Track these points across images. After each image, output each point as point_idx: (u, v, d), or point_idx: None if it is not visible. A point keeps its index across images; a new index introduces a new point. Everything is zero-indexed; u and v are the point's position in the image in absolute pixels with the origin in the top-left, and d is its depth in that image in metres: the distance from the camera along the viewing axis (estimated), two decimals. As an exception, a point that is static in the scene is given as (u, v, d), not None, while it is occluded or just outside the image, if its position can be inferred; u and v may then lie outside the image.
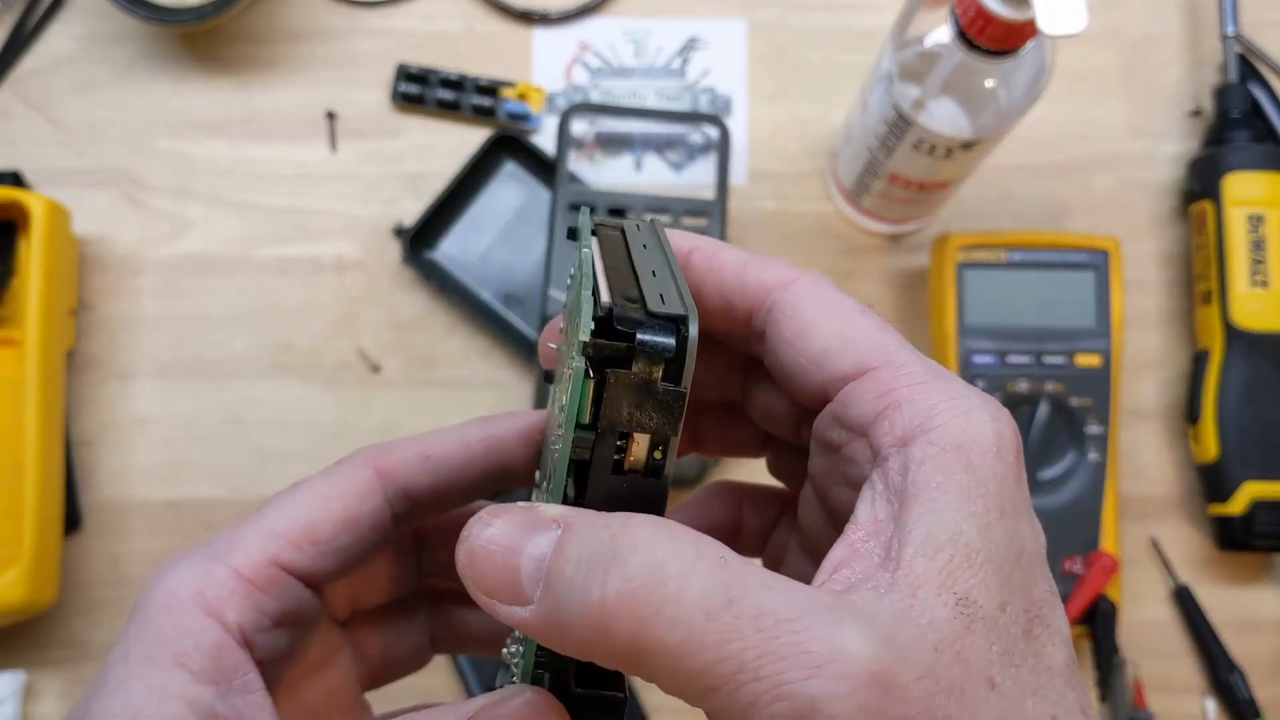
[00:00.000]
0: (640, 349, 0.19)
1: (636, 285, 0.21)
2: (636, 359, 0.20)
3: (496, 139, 0.60)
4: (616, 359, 0.20)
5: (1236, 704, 0.56)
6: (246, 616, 0.25)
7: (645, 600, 0.18)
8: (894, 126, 0.49)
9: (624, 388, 0.20)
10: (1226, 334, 0.56)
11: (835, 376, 0.23)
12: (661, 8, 0.63)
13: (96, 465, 0.58)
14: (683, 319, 0.20)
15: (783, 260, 0.25)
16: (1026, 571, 0.20)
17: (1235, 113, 0.59)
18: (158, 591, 0.25)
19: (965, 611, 0.19)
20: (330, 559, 0.26)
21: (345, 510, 0.26)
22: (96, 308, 0.59)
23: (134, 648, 0.24)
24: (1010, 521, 0.20)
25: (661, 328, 0.20)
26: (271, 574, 0.25)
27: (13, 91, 0.61)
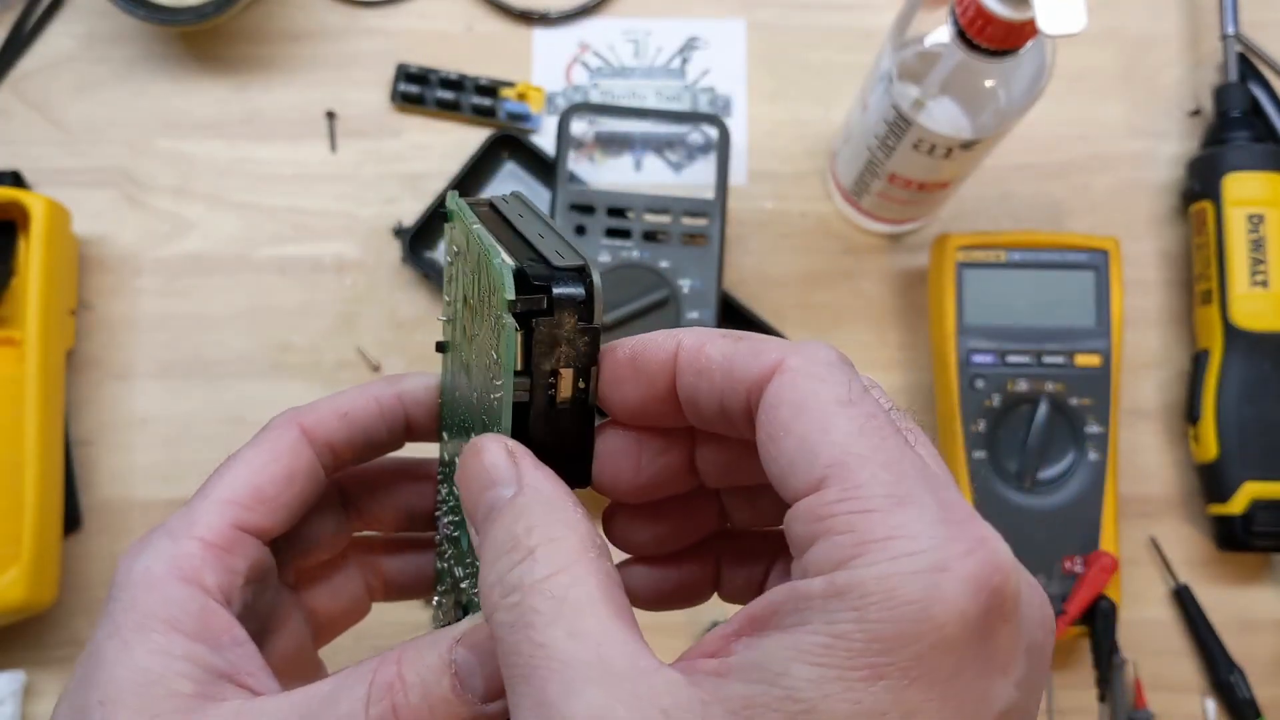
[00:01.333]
0: (558, 300, 0.23)
1: (531, 248, 0.24)
2: (556, 308, 0.23)
3: (496, 139, 0.60)
4: (538, 311, 0.23)
5: (1236, 704, 0.56)
6: (222, 578, 0.27)
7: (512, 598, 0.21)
8: (894, 126, 0.49)
9: (549, 334, 0.23)
10: (1226, 334, 0.56)
11: (793, 490, 0.21)
12: (661, 8, 0.63)
13: (96, 465, 0.58)
14: (583, 267, 0.23)
15: (775, 339, 0.23)
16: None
17: (1235, 112, 0.59)
18: (135, 572, 0.27)
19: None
20: (280, 513, 0.29)
21: (283, 468, 0.29)
22: (96, 308, 0.59)
23: (124, 622, 0.27)
24: (885, 690, 0.18)
25: (569, 279, 0.23)
26: (233, 536, 0.28)
27: (12, 91, 0.61)
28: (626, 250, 0.56)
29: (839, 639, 0.18)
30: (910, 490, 0.20)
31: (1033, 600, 0.20)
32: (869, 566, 0.19)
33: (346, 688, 0.24)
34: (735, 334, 0.24)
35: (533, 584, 0.21)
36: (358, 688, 0.24)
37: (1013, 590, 0.19)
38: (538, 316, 0.23)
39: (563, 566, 0.21)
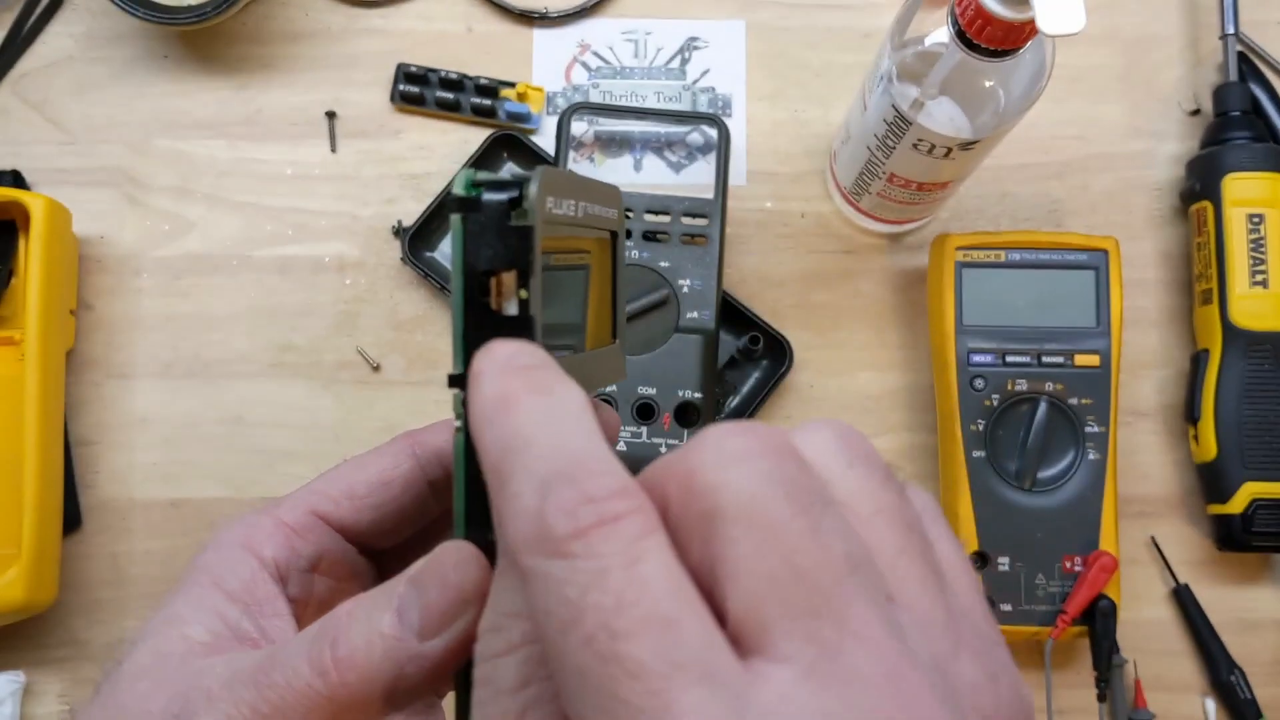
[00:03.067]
0: (488, 200, 0.23)
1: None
2: (484, 204, 0.23)
3: (496, 139, 0.60)
4: (470, 206, 0.23)
5: (1236, 704, 0.56)
6: (280, 554, 0.28)
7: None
8: (893, 126, 0.49)
9: (478, 228, 0.23)
10: (1226, 334, 0.56)
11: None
12: (661, 8, 0.63)
13: (96, 465, 0.58)
14: (527, 179, 0.23)
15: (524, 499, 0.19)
16: None
17: (1235, 112, 0.59)
18: (214, 537, 0.28)
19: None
20: (367, 513, 0.29)
21: (379, 471, 0.29)
22: (96, 308, 0.59)
23: (183, 578, 0.28)
24: None
25: (509, 185, 0.23)
26: (308, 522, 0.28)
27: (12, 91, 0.61)
28: (626, 250, 0.56)
29: None
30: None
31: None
32: None
33: (305, 633, 0.24)
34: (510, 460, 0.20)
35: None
36: (312, 627, 0.24)
37: None
38: (468, 213, 0.23)
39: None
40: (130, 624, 0.57)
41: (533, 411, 0.20)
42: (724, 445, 0.19)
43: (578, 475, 0.18)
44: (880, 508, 0.20)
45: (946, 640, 0.19)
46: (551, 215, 0.24)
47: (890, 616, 0.18)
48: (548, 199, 0.24)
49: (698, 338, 0.55)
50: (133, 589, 0.57)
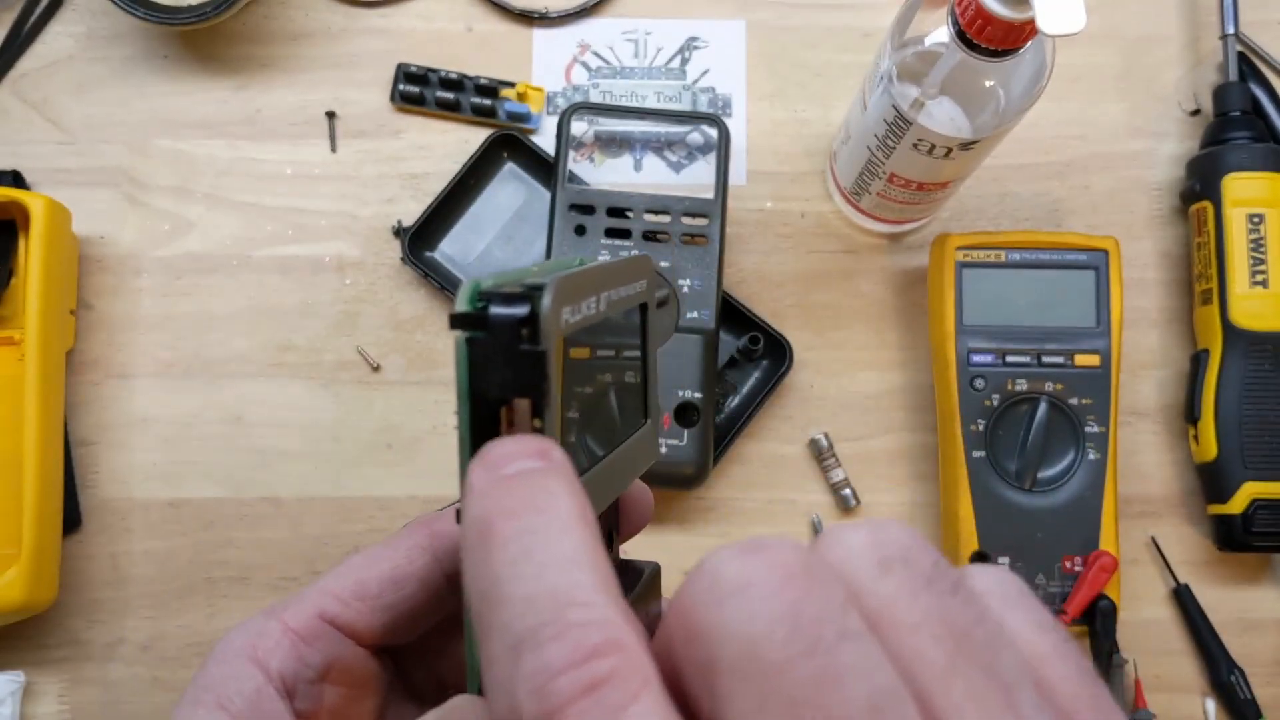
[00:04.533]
0: (494, 318, 0.21)
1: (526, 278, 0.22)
2: (491, 326, 0.21)
3: (496, 139, 0.60)
4: (475, 324, 0.21)
5: (1236, 704, 0.56)
6: (288, 666, 0.26)
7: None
8: (893, 126, 0.49)
9: (485, 352, 0.21)
10: (1226, 334, 0.56)
11: None
12: (661, 8, 0.63)
13: (96, 465, 0.58)
14: (541, 287, 0.21)
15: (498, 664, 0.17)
16: None
17: (1235, 112, 0.59)
18: (218, 645, 0.27)
19: None
20: (380, 615, 0.27)
21: (393, 568, 0.27)
22: (96, 308, 0.59)
23: (187, 694, 0.26)
24: None
25: (516, 299, 0.21)
26: (317, 627, 0.26)
27: (12, 91, 0.61)
28: (626, 250, 0.56)
29: None
30: None
31: None
32: None
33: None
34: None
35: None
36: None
37: None
38: (472, 334, 0.21)
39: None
40: (130, 624, 0.57)
41: (510, 544, 0.17)
42: (720, 575, 0.16)
43: (553, 632, 0.16)
44: (923, 618, 0.16)
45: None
46: (569, 326, 0.22)
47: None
48: (563, 310, 0.21)
49: (698, 337, 0.55)
50: (132, 589, 0.57)
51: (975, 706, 0.16)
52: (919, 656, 0.16)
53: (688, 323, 0.55)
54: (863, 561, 0.17)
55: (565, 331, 0.21)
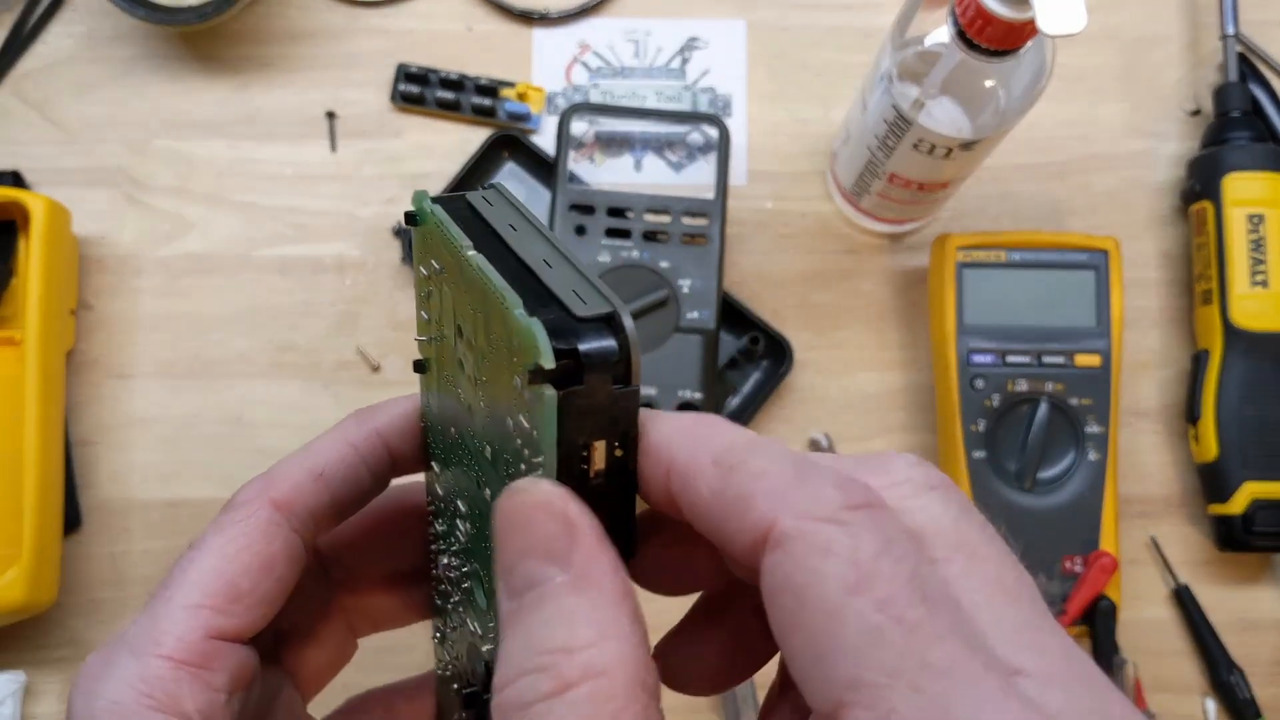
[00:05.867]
0: (588, 361, 0.19)
1: (540, 284, 0.21)
2: (587, 373, 0.19)
3: (496, 139, 0.60)
4: (570, 377, 0.19)
5: (1236, 704, 0.56)
6: (202, 700, 0.23)
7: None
8: (893, 126, 0.49)
9: (580, 404, 0.19)
10: (1226, 334, 0.56)
11: (812, 703, 0.18)
12: (661, 8, 0.63)
13: (96, 465, 0.58)
14: (613, 314, 0.19)
15: (775, 470, 0.19)
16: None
17: (1235, 112, 0.59)
18: (97, 707, 0.23)
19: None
20: (259, 608, 0.25)
21: (258, 556, 0.25)
22: (96, 308, 0.59)
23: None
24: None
25: (597, 331, 0.19)
26: (209, 648, 0.24)
27: (12, 91, 0.61)
28: (626, 250, 0.56)
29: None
30: (951, 708, 0.16)
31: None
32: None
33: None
34: (730, 454, 0.19)
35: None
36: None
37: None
38: (569, 386, 0.19)
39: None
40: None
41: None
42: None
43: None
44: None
45: None
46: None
47: None
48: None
49: (698, 338, 0.55)
50: (132, 589, 0.57)
51: (947, 665, 0.17)
52: (925, 597, 0.18)
53: (688, 323, 0.55)
54: (873, 532, 0.18)
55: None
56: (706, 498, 0.19)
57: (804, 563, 0.17)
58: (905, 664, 0.16)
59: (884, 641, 0.16)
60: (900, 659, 0.16)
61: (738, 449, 0.19)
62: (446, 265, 0.23)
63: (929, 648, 0.16)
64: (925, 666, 0.16)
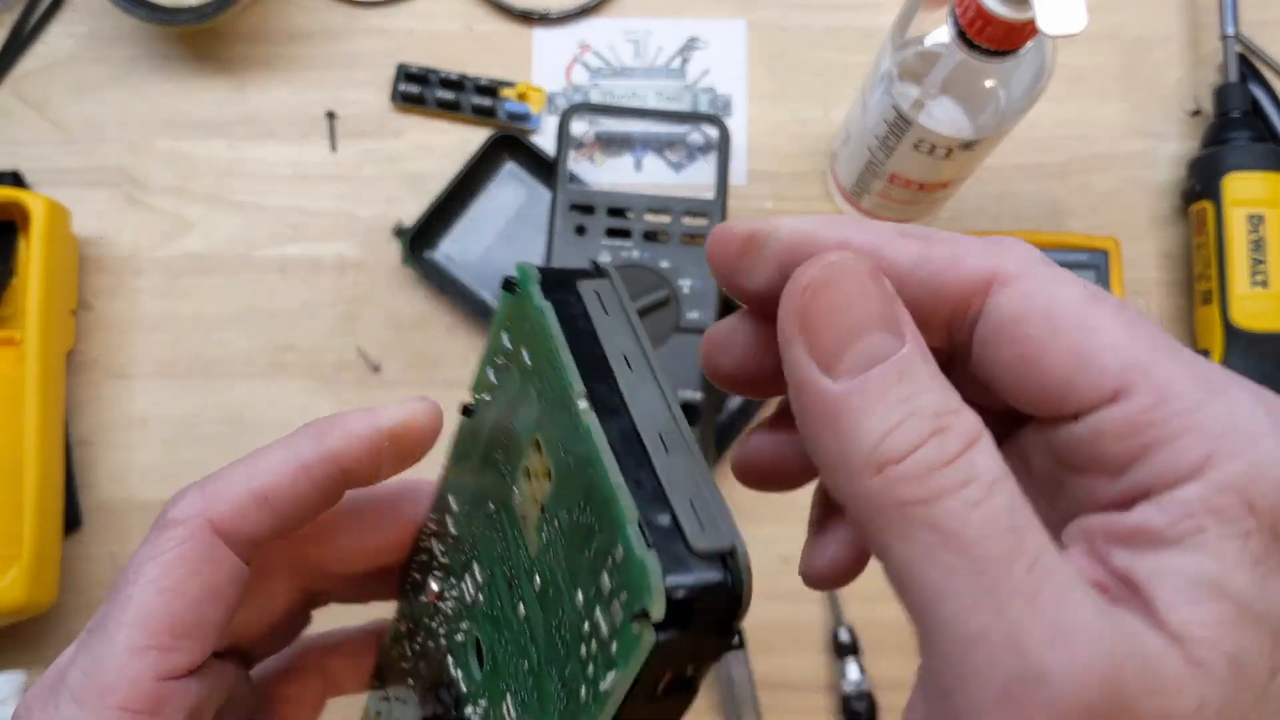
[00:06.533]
0: (698, 615, 0.17)
1: (652, 473, 0.19)
2: (695, 621, 0.17)
3: (496, 139, 0.60)
4: (676, 625, 0.17)
5: (1236, 704, 0.56)
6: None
7: (936, 480, 0.17)
8: (894, 126, 0.49)
9: (678, 649, 0.18)
10: (1226, 334, 0.56)
11: (1078, 405, 0.18)
12: (661, 8, 0.63)
13: (96, 465, 0.58)
14: (731, 551, 0.18)
15: (967, 239, 0.20)
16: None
17: (1235, 113, 0.59)
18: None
19: (1236, 675, 0.16)
20: (204, 639, 0.24)
21: (200, 587, 0.24)
22: (96, 308, 0.59)
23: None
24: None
25: (712, 568, 0.18)
26: (160, 691, 0.23)
27: (13, 91, 0.61)
28: (626, 250, 0.56)
29: (1247, 537, 0.17)
30: (1209, 380, 0.18)
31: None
32: (1232, 460, 0.17)
33: None
34: (911, 230, 0.20)
35: (969, 480, 0.17)
36: None
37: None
38: (670, 628, 0.17)
39: (989, 469, 0.17)
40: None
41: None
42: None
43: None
44: None
45: None
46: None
47: None
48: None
49: (698, 338, 0.55)
50: (133, 589, 0.57)
51: (1186, 352, 0.19)
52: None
53: (688, 323, 0.55)
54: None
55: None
56: (906, 265, 0.20)
57: (1043, 289, 0.19)
58: (1160, 351, 0.18)
59: (1138, 330, 0.18)
60: (1156, 347, 0.18)
61: (909, 227, 0.20)
62: (541, 370, 0.21)
63: (1170, 342, 0.19)
64: (1175, 353, 0.18)
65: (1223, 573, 0.17)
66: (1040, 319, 0.19)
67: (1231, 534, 0.17)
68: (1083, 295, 0.19)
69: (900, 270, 0.20)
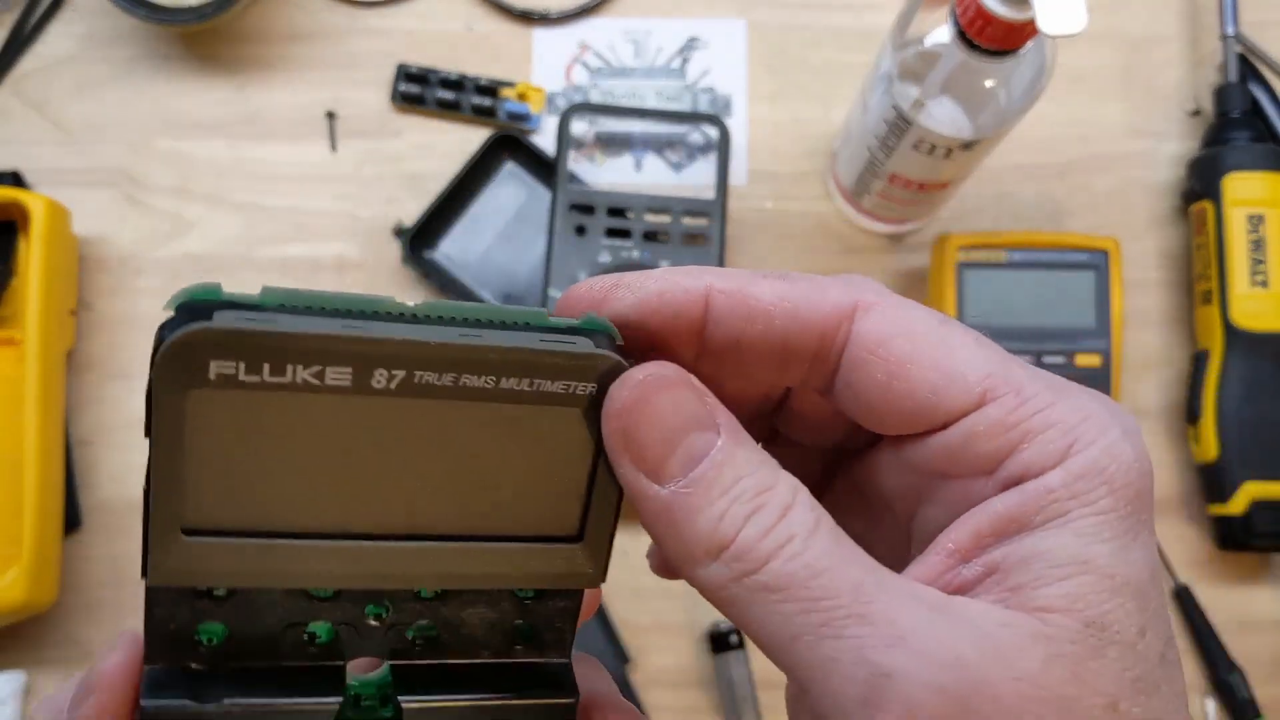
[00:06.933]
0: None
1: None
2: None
3: (496, 139, 0.60)
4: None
5: (1236, 704, 0.56)
6: None
7: (761, 549, 0.19)
8: (894, 127, 0.49)
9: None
10: (1226, 334, 0.56)
11: (947, 413, 0.21)
12: (661, 8, 0.63)
13: (96, 465, 0.58)
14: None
15: (826, 280, 0.22)
16: (1161, 593, 0.20)
17: (1235, 113, 0.59)
18: None
19: (1096, 635, 0.18)
20: None
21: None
22: (96, 308, 0.59)
23: None
24: (1145, 540, 0.20)
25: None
26: None
27: (13, 91, 0.61)
28: (626, 250, 0.56)
29: (1105, 514, 0.19)
30: (1054, 383, 0.21)
31: None
32: (1089, 448, 0.19)
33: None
34: (771, 273, 0.22)
35: (787, 539, 0.19)
36: None
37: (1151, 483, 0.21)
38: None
39: (806, 520, 0.19)
40: (130, 624, 0.57)
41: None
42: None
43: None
44: None
45: None
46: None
47: None
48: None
49: (698, 338, 0.55)
50: (132, 589, 0.57)
51: (1025, 361, 0.22)
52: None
53: (688, 323, 0.55)
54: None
55: None
56: (771, 299, 0.21)
57: (903, 313, 0.21)
58: (1009, 361, 0.21)
59: (988, 345, 0.21)
60: (1003, 353, 0.21)
61: (768, 270, 0.22)
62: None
63: (1009, 354, 0.21)
64: (1019, 361, 0.21)
65: (1085, 548, 0.19)
66: (904, 339, 0.21)
67: (1092, 513, 0.19)
68: (936, 318, 0.21)
69: (766, 307, 0.21)
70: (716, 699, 0.55)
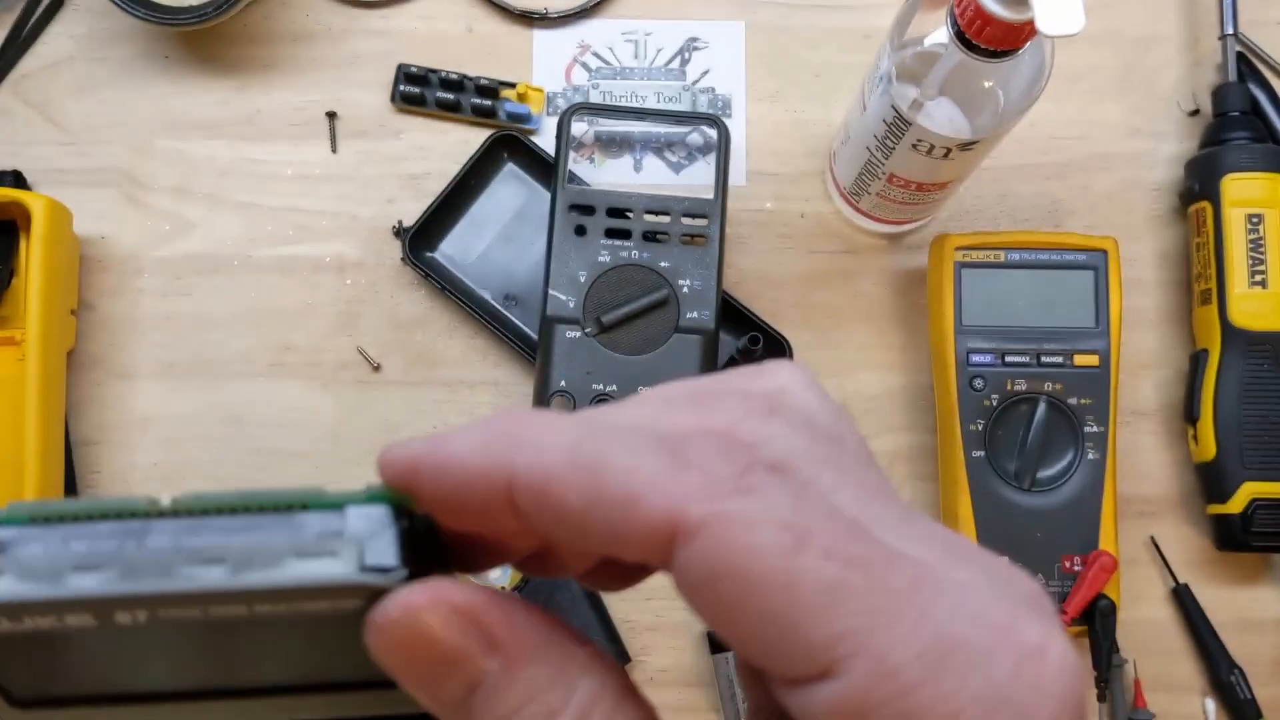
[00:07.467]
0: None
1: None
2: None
3: (496, 139, 0.60)
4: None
5: (1236, 704, 0.56)
6: None
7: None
8: (892, 127, 0.49)
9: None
10: (1225, 333, 0.56)
11: (791, 674, 0.17)
12: (661, 8, 0.63)
13: (97, 465, 0.58)
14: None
15: (648, 455, 0.17)
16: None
17: (1234, 112, 0.59)
18: None
19: None
20: None
21: None
22: (97, 308, 0.59)
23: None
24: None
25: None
26: None
27: (13, 91, 0.61)
28: (626, 250, 0.56)
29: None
30: (938, 638, 0.16)
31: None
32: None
33: None
34: (582, 458, 0.17)
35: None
36: None
37: (1082, 695, 0.17)
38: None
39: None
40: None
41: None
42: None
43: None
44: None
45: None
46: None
47: None
48: None
49: (698, 338, 0.55)
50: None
51: (909, 571, 0.17)
52: (849, 515, 0.18)
53: (688, 323, 0.55)
54: (784, 488, 0.18)
55: None
56: (579, 507, 0.17)
57: (734, 544, 0.16)
58: (876, 600, 0.16)
59: (848, 588, 0.16)
60: (869, 597, 0.16)
61: (586, 445, 0.17)
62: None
63: (885, 575, 0.16)
64: (891, 593, 0.16)
65: None
66: (734, 582, 0.16)
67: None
68: (781, 546, 0.16)
69: (572, 515, 0.17)
70: (716, 699, 0.55)
